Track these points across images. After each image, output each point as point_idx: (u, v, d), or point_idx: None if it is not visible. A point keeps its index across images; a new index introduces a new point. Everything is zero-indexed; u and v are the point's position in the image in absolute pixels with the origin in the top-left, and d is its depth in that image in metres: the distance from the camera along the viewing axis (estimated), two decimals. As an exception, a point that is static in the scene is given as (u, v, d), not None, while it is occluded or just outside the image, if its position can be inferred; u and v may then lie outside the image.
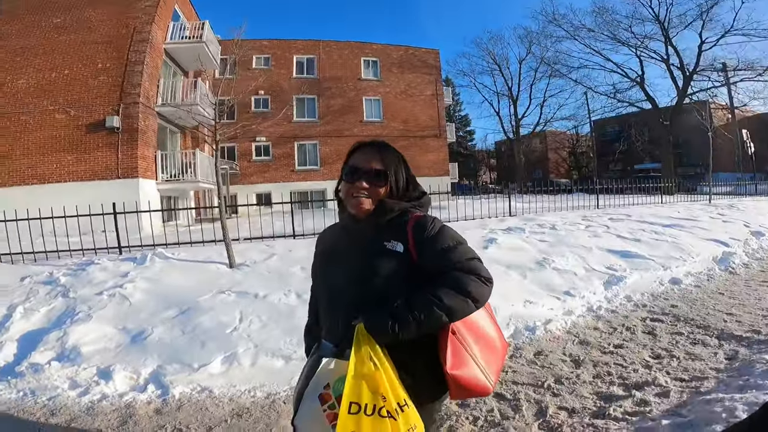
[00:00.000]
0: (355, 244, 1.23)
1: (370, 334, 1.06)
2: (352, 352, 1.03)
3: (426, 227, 1.19)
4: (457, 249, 1.17)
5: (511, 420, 2.29)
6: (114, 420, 2.43)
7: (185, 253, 5.65)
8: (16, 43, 11.81)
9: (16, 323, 3.57)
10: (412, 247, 1.17)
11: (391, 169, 1.23)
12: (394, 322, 1.06)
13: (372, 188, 1.20)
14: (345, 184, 1.24)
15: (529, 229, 6.84)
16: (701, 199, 12.50)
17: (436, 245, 1.17)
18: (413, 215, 1.23)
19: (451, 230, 1.23)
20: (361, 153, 1.25)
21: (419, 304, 1.08)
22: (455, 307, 1.09)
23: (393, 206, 1.21)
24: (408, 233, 1.19)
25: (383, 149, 1.26)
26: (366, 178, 1.20)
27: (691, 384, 2.52)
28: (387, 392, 0.99)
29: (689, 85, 23.16)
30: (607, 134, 39.68)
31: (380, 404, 0.98)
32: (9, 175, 10.99)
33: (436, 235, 1.18)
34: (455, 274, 1.13)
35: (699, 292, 4.44)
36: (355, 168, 1.22)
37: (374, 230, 1.22)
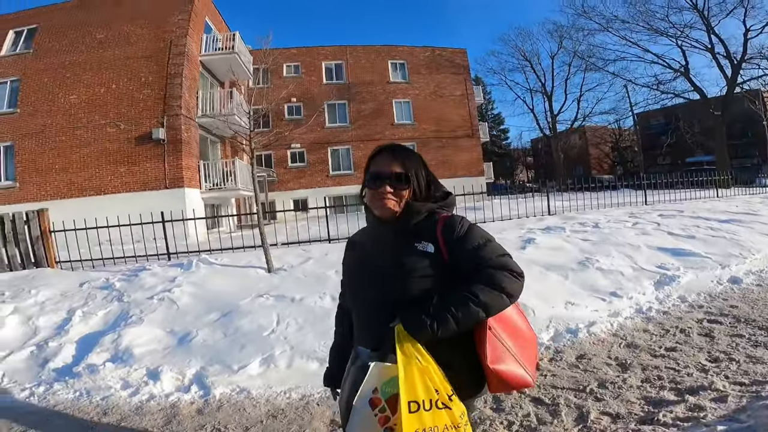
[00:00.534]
0: (385, 248, 1.25)
1: (409, 334, 1.09)
2: (398, 354, 1.06)
3: (455, 227, 1.21)
4: (487, 246, 1.19)
5: (548, 425, 2.20)
6: (160, 420, 2.54)
7: (227, 258, 5.87)
8: (65, 58, 12.60)
9: (75, 326, 3.82)
10: (442, 247, 1.19)
11: (412, 171, 1.25)
12: (432, 320, 1.09)
13: (396, 192, 1.22)
14: (369, 191, 1.26)
15: (570, 228, 6.58)
16: (761, 191, 11.58)
17: (467, 244, 1.18)
18: (441, 216, 1.25)
19: (479, 228, 1.25)
20: (381, 158, 1.27)
21: (456, 302, 1.11)
22: (491, 303, 1.12)
23: (420, 208, 1.24)
24: (437, 234, 1.21)
25: (402, 152, 1.28)
26: (389, 183, 1.22)
27: (752, 388, 2.33)
28: (438, 385, 1.05)
29: (738, 74, 21.60)
30: (652, 127, 37.61)
31: (435, 397, 1.03)
32: (68, 187, 11.85)
33: (465, 235, 1.20)
34: (488, 270, 1.15)
35: (761, 292, 4.10)
36: (377, 173, 1.24)
37: (403, 232, 1.24)
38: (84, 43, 12.81)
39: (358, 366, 1.23)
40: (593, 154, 44.25)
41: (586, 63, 28.16)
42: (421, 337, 1.09)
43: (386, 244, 1.25)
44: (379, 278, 1.22)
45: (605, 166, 44.33)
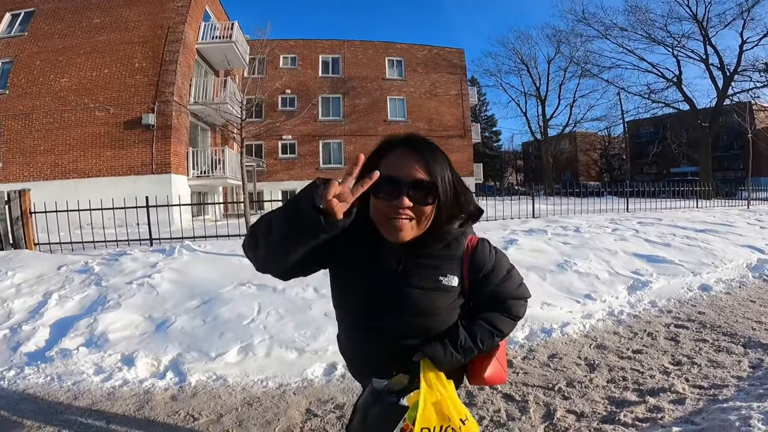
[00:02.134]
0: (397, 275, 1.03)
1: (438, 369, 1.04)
2: (423, 385, 1.03)
3: (486, 259, 1.07)
4: (511, 278, 1.12)
5: (517, 421, 2.26)
6: (132, 405, 2.55)
7: (211, 246, 5.85)
8: (59, 42, 12.46)
9: (51, 310, 3.78)
10: (465, 276, 1.06)
11: (439, 179, 0.94)
12: (463, 356, 1.06)
13: (416, 207, 0.93)
14: (379, 202, 0.95)
15: (552, 231, 6.70)
16: (740, 204, 11.89)
17: (495, 278, 1.09)
18: (470, 239, 1.08)
19: (503, 255, 1.14)
20: (399, 157, 0.96)
21: (483, 337, 1.07)
22: (508, 331, 1.14)
23: (450, 232, 1.02)
24: (464, 265, 1.05)
25: (428, 150, 0.97)
26: (409, 194, 0.92)
27: (710, 392, 2.43)
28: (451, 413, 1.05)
29: (729, 85, 22.08)
30: (641, 136, 38.24)
31: (446, 424, 1.04)
32: (51, 169, 11.65)
33: (494, 267, 1.08)
34: (510, 303, 1.12)
35: (729, 299, 4.25)
36: (395, 180, 0.92)
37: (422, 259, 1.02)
38: (80, 27, 12.67)
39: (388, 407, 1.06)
40: (582, 160, 44.85)
41: (581, 69, 28.49)
42: (450, 369, 1.05)
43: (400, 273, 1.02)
44: (395, 315, 1.04)
45: (593, 172, 44.98)
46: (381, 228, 0.97)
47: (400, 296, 1.02)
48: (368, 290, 1.04)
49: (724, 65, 22.12)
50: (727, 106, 22.27)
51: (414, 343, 1.06)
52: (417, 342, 1.06)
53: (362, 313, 1.08)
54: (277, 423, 2.33)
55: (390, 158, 0.96)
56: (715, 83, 22.71)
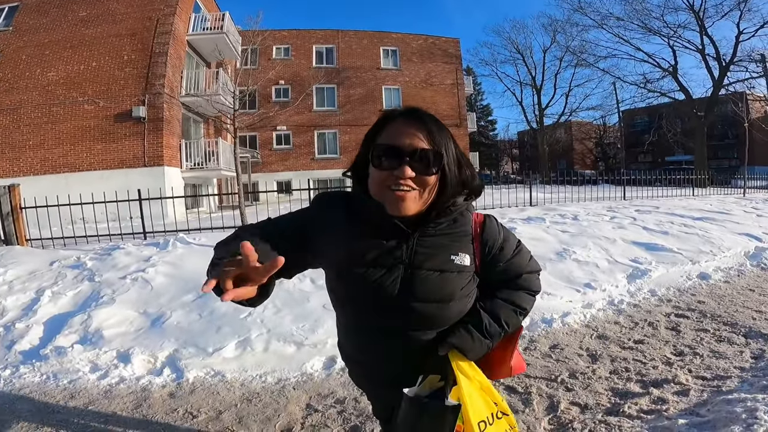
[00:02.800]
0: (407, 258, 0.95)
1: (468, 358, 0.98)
2: (459, 378, 0.96)
3: (496, 235, 1.03)
4: (521, 252, 1.09)
5: (520, 414, 2.24)
6: (129, 403, 2.50)
7: (206, 238, 5.76)
8: (45, 36, 12.22)
9: (44, 307, 3.70)
10: (477, 254, 1.01)
11: (443, 149, 0.90)
12: (491, 341, 1.00)
13: (418, 177, 0.88)
14: (379, 172, 0.89)
15: (550, 219, 6.68)
16: (735, 192, 11.94)
17: (507, 255, 1.05)
18: (476, 217, 1.04)
19: (509, 230, 1.10)
20: (400, 126, 0.90)
21: (507, 317, 1.02)
22: (530, 308, 1.09)
23: (456, 205, 0.96)
24: (475, 242, 1.01)
25: (429, 120, 0.92)
26: (411, 164, 0.87)
27: (713, 383, 2.41)
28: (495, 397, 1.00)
29: (725, 75, 22.07)
30: (636, 125, 38.25)
31: (495, 409, 0.99)
32: (41, 164, 11.47)
33: (504, 243, 1.04)
34: (526, 277, 1.08)
35: (728, 288, 4.24)
36: (396, 148, 0.87)
37: (431, 238, 0.96)
38: (66, 21, 12.41)
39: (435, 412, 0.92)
40: (577, 149, 44.86)
41: (577, 58, 28.31)
42: (480, 356, 1.00)
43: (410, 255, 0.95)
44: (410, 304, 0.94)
45: (588, 161, 45.03)
46: (382, 198, 0.90)
47: (413, 282, 0.93)
48: (375, 282, 0.94)
49: (720, 55, 22.11)
50: (722, 96, 22.28)
51: (433, 337, 0.98)
52: (436, 335, 0.98)
53: (371, 311, 0.98)
54: (278, 419, 2.29)
55: (390, 128, 0.91)
56: (710, 73, 22.72)
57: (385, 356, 1.02)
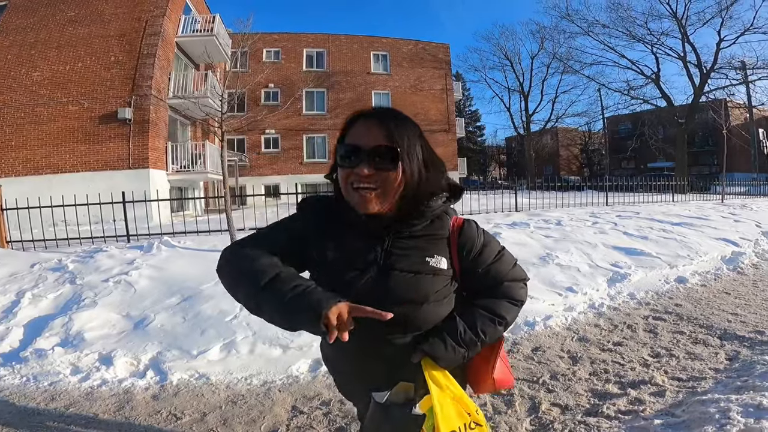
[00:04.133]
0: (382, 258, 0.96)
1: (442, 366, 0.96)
2: (430, 387, 0.94)
3: (475, 239, 1.03)
4: (504, 258, 1.07)
5: (503, 415, 2.28)
6: (111, 405, 2.48)
7: (191, 242, 5.73)
8: (31, 36, 12.03)
9: (24, 309, 3.65)
10: (455, 258, 1.01)
11: (404, 144, 0.90)
12: (466, 350, 0.98)
13: (378, 175, 0.89)
14: (343, 171, 0.92)
15: (534, 225, 6.79)
16: (714, 198, 12.28)
17: (486, 259, 1.04)
18: (454, 219, 1.04)
19: (491, 236, 1.10)
20: (361, 125, 0.93)
21: (484, 326, 1.00)
22: (512, 319, 1.05)
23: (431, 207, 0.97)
24: (452, 246, 1.01)
25: (392, 118, 0.93)
26: (368, 162, 0.88)
27: (688, 384, 2.49)
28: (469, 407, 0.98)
29: (706, 83, 22.67)
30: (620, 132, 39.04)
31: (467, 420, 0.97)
32: (23, 165, 11.24)
33: (483, 249, 1.04)
34: (507, 284, 1.06)
35: (705, 292, 4.37)
36: (354, 147, 0.90)
37: (407, 239, 0.98)
38: (53, 21, 12.23)
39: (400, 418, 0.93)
40: (563, 155, 45.54)
41: (564, 65, 28.82)
42: (454, 366, 0.98)
43: (385, 256, 0.96)
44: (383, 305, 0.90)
45: (574, 167, 45.75)
46: (348, 199, 0.93)
47: (387, 283, 0.94)
48: (351, 282, 0.95)
49: (702, 63, 22.70)
50: (703, 103, 22.86)
51: (408, 342, 0.98)
52: (411, 340, 0.98)
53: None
54: (263, 421, 2.30)
55: (353, 129, 0.93)
56: (692, 80, 23.32)
57: (363, 360, 1.00)
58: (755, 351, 2.86)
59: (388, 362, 0.98)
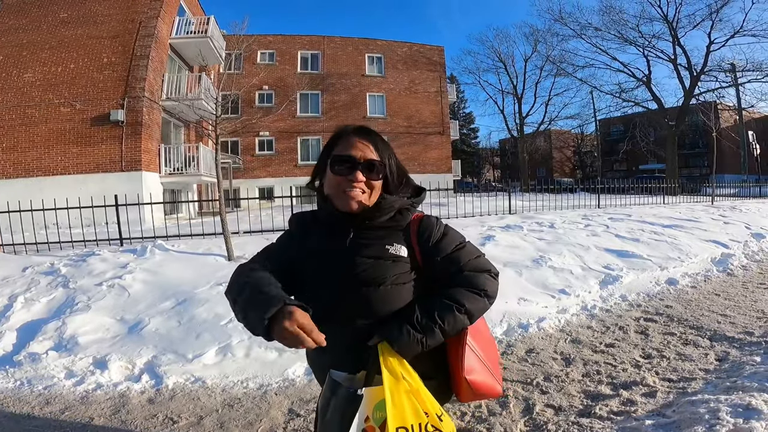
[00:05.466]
0: (349, 249, 1.09)
1: (398, 352, 0.98)
2: (384, 375, 0.94)
3: (432, 229, 1.12)
4: (465, 248, 1.14)
5: (497, 416, 2.31)
6: (107, 409, 2.47)
7: (185, 245, 5.71)
8: (23, 37, 11.92)
9: (17, 313, 3.62)
10: (416, 249, 1.10)
11: (386, 160, 1.10)
12: (422, 334, 1.00)
13: (368, 182, 1.08)
14: (335, 177, 1.08)
15: (528, 227, 6.84)
16: (704, 200, 12.44)
17: (445, 247, 1.11)
18: (415, 215, 1.16)
19: (454, 230, 1.18)
20: (352, 140, 1.10)
21: (441, 311, 1.03)
22: (475, 308, 1.06)
23: (393, 203, 1.11)
24: (411, 236, 1.11)
25: (376, 137, 1.13)
26: (362, 170, 1.06)
27: (679, 385, 2.53)
28: (428, 407, 0.95)
29: (696, 85, 22.94)
30: (612, 134, 39.43)
31: (424, 421, 0.93)
32: (14, 167, 11.12)
33: (443, 238, 1.12)
34: (468, 273, 1.10)
35: (695, 293, 4.44)
36: (349, 158, 1.06)
37: (370, 231, 1.10)
38: (46, 22, 12.13)
39: (344, 396, 0.98)
40: (556, 157, 45.91)
41: (557, 68, 28.98)
42: (410, 353, 1.00)
43: (348, 244, 1.09)
44: (347, 287, 1.06)
45: (567, 169, 46.15)
46: (336, 199, 1.09)
47: (351, 267, 1.06)
48: (323, 267, 1.10)
49: (692, 65, 22.95)
50: (693, 106, 23.14)
51: (370, 325, 1.04)
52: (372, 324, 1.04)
53: (320, 294, 1.08)
54: (260, 424, 2.31)
55: (345, 142, 1.10)
56: (682, 83, 23.56)
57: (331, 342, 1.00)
58: (744, 352, 2.91)
59: (348, 345, 1.04)
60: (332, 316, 1.04)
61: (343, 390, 1.00)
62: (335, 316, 1.04)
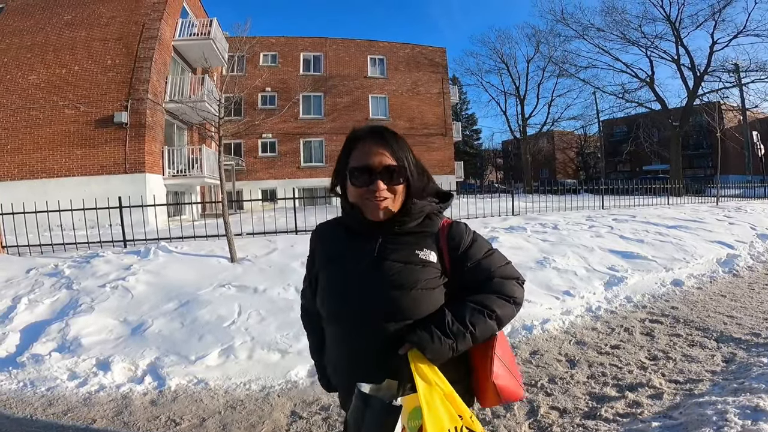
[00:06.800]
0: (377, 255, 1.07)
1: (429, 359, 0.98)
2: (417, 383, 0.94)
3: (463, 236, 1.11)
4: (493, 256, 1.13)
5: (502, 419, 2.29)
6: (110, 410, 2.47)
7: (188, 247, 5.71)
8: (28, 39, 12.00)
9: (20, 314, 3.63)
10: (446, 255, 1.10)
11: (404, 160, 1.06)
12: (453, 341, 1.00)
13: (390, 188, 1.04)
14: (355, 189, 1.06)
15: (531, 229, 6.81)
16: (709, 201, 12.37)
17: (476, 255, 1.11)
18: (444, 221, 1.14)
19: (481, 236, 1.18)
20: (367, 147, 1.06)
21: (472, 317, 1.03)
22: (504, 314, 1.07)
23: (423, 208, 1.10)
24: (441, 241, 1.10)
25: (392, 137, 1.08)
26: (382, 179, 1.03)
27: (686, 386, 2.51)
28: (461, 410, 0.97)
29: (700, 85, 22.83)
30: (615, 135, 39.31)
31: (460, 424, 0.95)
32: (18, 169, 11.18)
33: (472, 244, 1.12)
34: (498, 280, 1.09)
35: (700, 294, 4.40)
36: (368, 168, 1.04)
37: (399, 236, 1.09)
38: (50, 24, 12.19)
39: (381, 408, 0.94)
40: (559, 158, 45.82)
41: (559, 69, 28.87)
42: (441, 359, 1.00)
43: (380, 250, 1.08)
44: (373, 293, 1.04)
45: (570, 170, 46.01)
46: (363, 207, 1.06)
47: (380, 270, 1.05)
48: (349, 272, 1.08)
49: (695, 66, 22.84)
50: (696, 106, 23.03)
51: (399, 330, 1.03)
52: (402, 329, 1.02)
53: (345, 298, 1.08)
54: (262, 426, 2.30)
55: (360, 150, 1.06)
56: (685, 83, 23.45)
57: (355, 347, 1.07)
58: (752, 353, 2.89)
59: (376, 352, 1.03)
60: (359, 322, 1.05)
61: (377, 401, 0.96)
62: (363, 322, 1.05)
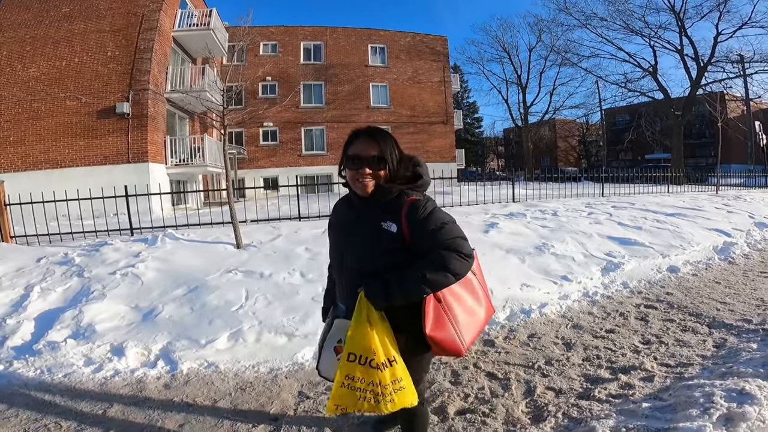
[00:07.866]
0: (358, 221, 1.45)
1: (371, 302, 1.33)
2: (354, 315, 1.32)
3: (418, 210, 1.37)
4: (443, 229, 1.36)
5: (500, 398, 2.40)
6: (125, 394, 2.58)
7: (194, 234, 5.81)
8: (27, 32, 11.99)
9: (34, 303, 3.72)
10: (405, 227, 1.37)
11: (387, 153, 1.41)
12: (386, 293, 1.32)
13: (374, 173, 1.40)
14: (349, 172, 1.43)
15: (531, 215, 6.89)
16: (709, 189, 12.40)
17: (427, 227, 1.36)
18: (409, 198, 1.40)
19: (441, 212, 1.42)
20: (360, 142, 1.42)
21: (408, 280, 1.32)
22: (436, 281, 1.33)
23: (390, 189, 1.41)
24: (402, 215, 1.37)
25: (378, 135, 1.43)
26: (367, 165, 1.39)
27: (676, 370, 2.61)
28: (377, 348, 1.26)
29: (703, 76, 22.64)
30: (617, 123, 39.06)
31: (371, 357, 1.25)
32: (22, 160, 11.26)
33: (426, 218, 1.36)
34: (439, 252, 1.33)
35: (695, 281, 4.50)
36: (357, 156, 1.40)
37: (374, 210, 1.41)
38: (48, 17, 12.15)
39: (331, 319, 1.52)
40: (561, 146, 45.59)
41: (562, 58, 28.59)
42: (377, 305, 1.34)
43: (359, 219, 1.46)
44: (350, 248, 1.46)
45: (571, 158, 45.84)
46: (353, 187, 1.44)
47: (356, 236, 1.45)
48: (340, 235, 1.54)
49: (699, 56, 22.60)
50: (699, 96, 22.87)
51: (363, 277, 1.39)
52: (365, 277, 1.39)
53: (337, 254, 1.55)
54: (271, 406, 2.41)
55: (356, 143, 1.43)
56: (689, 73, 23.23)
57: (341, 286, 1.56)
58: (742, 339, 2.98)
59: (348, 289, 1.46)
60: (343, 270, 1.50)
61: (332, 315, 1.54)
62: (345, 271, 1.49)
